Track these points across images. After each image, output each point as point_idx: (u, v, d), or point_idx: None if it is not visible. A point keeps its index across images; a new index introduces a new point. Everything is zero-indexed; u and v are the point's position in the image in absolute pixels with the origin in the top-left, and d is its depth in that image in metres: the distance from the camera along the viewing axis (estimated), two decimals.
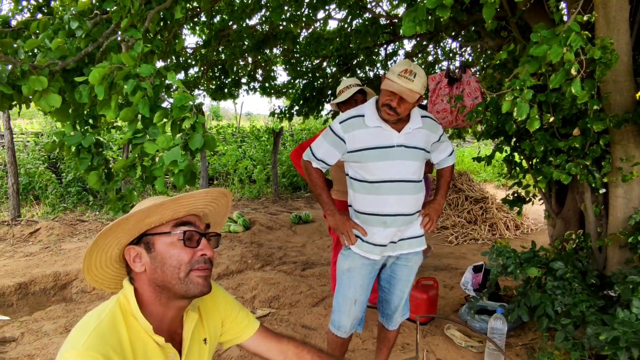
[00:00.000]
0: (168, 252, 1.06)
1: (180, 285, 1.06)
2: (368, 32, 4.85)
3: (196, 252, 1.08)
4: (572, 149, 2.52)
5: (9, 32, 2.42)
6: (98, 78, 1.68)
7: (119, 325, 1.00)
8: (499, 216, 6.34)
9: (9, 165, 6.40)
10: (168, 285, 1.06)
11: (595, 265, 2.70)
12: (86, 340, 0.92)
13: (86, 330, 0.95)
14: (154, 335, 1.05)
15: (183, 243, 1.07)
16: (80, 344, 0.92)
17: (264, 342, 1.33)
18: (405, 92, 1.87)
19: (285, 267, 4.63)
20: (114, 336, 0.97)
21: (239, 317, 1.32)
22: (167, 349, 1.08)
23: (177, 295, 1.08)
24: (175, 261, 1.05)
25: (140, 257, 1.07)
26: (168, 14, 2.27)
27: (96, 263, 1.10)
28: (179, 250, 1.06)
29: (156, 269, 1.06)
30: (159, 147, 1.70)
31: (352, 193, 2.17)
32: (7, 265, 4.62)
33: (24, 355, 2.84)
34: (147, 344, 1.04)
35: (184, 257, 1.06)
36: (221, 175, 10.17)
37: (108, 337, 0.96)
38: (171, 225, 1.08)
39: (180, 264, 1.06)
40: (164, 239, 1.06)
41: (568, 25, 1.72)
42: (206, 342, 1.22)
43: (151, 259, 1.06)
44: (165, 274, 1.05)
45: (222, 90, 6.20)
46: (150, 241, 1.07)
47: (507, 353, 2.83)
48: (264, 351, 1.33)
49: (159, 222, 1.07)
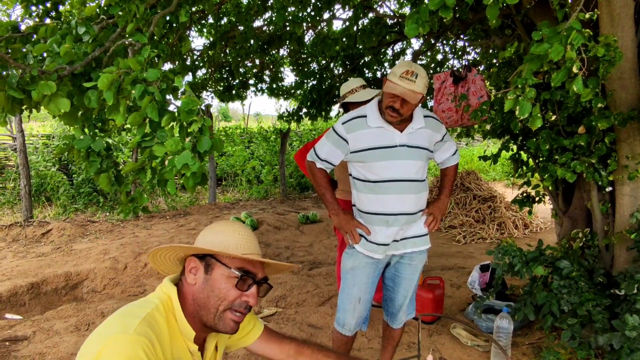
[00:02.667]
0: (221, 282, 1.10)
1: (213, 318, 1.11)
2: (373, 31, 4.86)
3: (242, 295, 1.12)
4: (577, 147, 2.51)
5: (18, 37, 2.47)
6: (106, 83, 1.72)
7: (160, 324, 1.05)
8: (508, 215, 6.30)
9: (21, 167, 6.51)
10: (205, 310, 1.11)
11: (602, 264, 2.69)
12: (137, 327, 0.98)
13: (135, 318, 1.00)
14: (191, 342, 1.10)
15: (235, 284, 1.11)
16: (131, 329, 0.97)
17: (267, 344, 1.37)
18: (408, 93, 1.88)
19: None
20: (160, 329, 1.03)
21: (244, 321, 1.35)
22: (196, 357, 1.13)
23: (207, 324, 1.12)
24: (222, 294, 1.10)
25: (197, 271, 1.12)
26: (173, 18, 2.30)
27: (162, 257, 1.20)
28: (230, 287, 1.11)
29: (203, 290, 1.11)
30: (168, 150, 1.73)
31: (355, 193, 2.18)
32: (20, 265, 4.71)
33: (35, 353, 2.89)
34: (181, 348, 1.09)
35: (231, 294, 1.11)
36: (229, 176, 10.23)
37: (155, 327, 1.02)
38: (236, 263, 1.12)
39: (224, 298, 1.10)
40: (223, 270, 1.11)
41: (569, 23, 1.72)
42: (217, 349, 1.26)
43: (204, 279, 1.11)
44: (209, 299, 1.10)
45: (229, 91, 6.23)
46: (212, 264, 1.12)
47: (514, 352, 2.82)
48: (267, 352, 1.37)
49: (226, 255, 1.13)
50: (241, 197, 9.26)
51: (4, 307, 3.83)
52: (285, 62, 6.46)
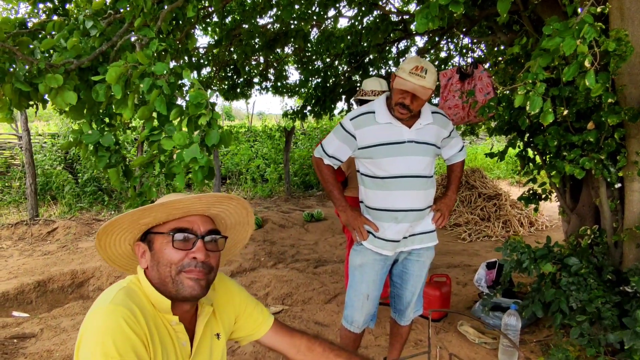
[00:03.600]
0: (162, 251, 1.08)
1: (172, 284, 1.08)
2: (379, 29, 4.84)
3: (188, 254, 1.09)
4: (586, 143, 2.49)
5: (26, 33, 2.47)
6: (114, 77, 1.71)
7: (138, 296, 1.05)
8: (513, 213, 6.28)
9: (27, 166, 6.53)
10: (163, 283, 1.08)
11: (611, 261, 2.67)
12: (113, 298, 0.99)
13: (110, 293, 1.01)
14: (169, 314, 1.08)
15: (173, 244, 1.08)
16: (108, 301, 0.98)
17: (277, 337, 1.34)
18: (418, 89, 1.87)
19: (297, 265, 4.65)
20: (140, 298, 1.05)
21: (254, 313, 1.33)
22: (179, 332, 1.10)
23: (171, 295, 1.09)
24: (166, 260, 1.08)
25: (145, 253, 1.12)
26: (180, 13, 2.30)
27: (111, 256, 1.17)
28: (170, 250, 1.08)
29: (154, 267, 1.09)
30: (176, 143, 1.72)
31: (363, 189, 2.17)
32: (27, 263, 4.72)
33: (43, 350, 2.90)
34: (162, 326, 1.07)
35: (174, 257, 1.08)
36: (234, 175, 10.24)
37: (135, 297, 1.03)
38: (169, 226, 1.10)
39: (170, 263, 1.08)
40: (161, 239, 1.09)
41: (581, 17, 1.70)
42: (219, 338, 1.23)
43: (152, 256, 1.10)
44: (160, 272, 1.08)
45: (234, 90, 6.23)
46: (152, 239, 1.11)
47: (522, 350, 2.80)
48: (277, 345, 1.35)
49: (155, 222, 1.11)
50: (246, 195, 9.26)
51: (12, 304, 3.84)
52: (290, 60, 6.45)
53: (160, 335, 1.05)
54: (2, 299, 3.80)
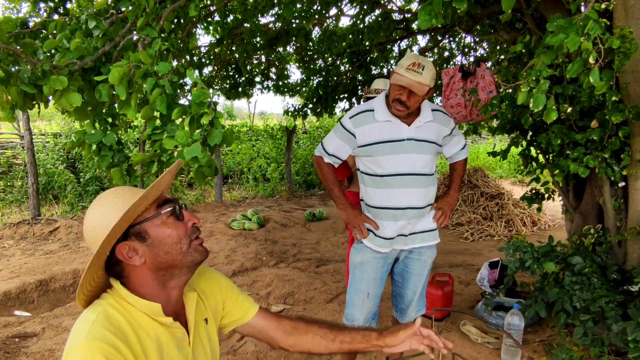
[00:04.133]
0: (164, 232, 1.05)
1: (185, 257, 1.07)
2: (380, 27, 4.83)
3: (187, 223, 1.09)
4: (590, 141, 2.48)
5: (27, 33, 2.47)
6: (117, 77, 1.71)
7: (116, 317, 1.00)
8: (515, 212, 6.26)
9: (29, 165, 6.54)
10: (174, 263, 1.06)
11: (615, 260, 2.65)
12: (87, 333, 0.92)
13: (85, 327, 0.94)
14: (161, 316, 1.05)
15: (176, 218, 1.07)
16: (82, 337, 0.92)
17: (264, 320, 1.33)
18: (415, 85, 1.87)
19: (299, 264, 4.65)
20: (114, 325, 0.97)
21: (239, 298, 1.32)
22: (175, 329, 1.09)
23: (184, 269, 1.08)
24: (175, 237, 1.05)
25: (135, 250, 1.03)
26: (182, 12, 2.30)
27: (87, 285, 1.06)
28: (173, 227, 1.06)
29: (158, 253, 1.05)
30: (178, 142, 1.72)
31: (363, 187, 2.17)
32: (28, 262, 4.73)
33: (45, 349, 2.90)
34: (154, 329, 1.04)
35: (180, 231, 1.06)
36: (235, 174, 10.24)
37: (109, 326, 0.96)
38: (153, 208, 1.06)
39: (180, 237, 1.06)
40: (153, 223, 1.05)
41: (585, 13, 1.69)
42: (207, 322, 1.22)
43: (148, 246, 1.04)
44: (170, 253, 1.05)
45: (236, 89, 6.23)
46: (141, 230, 1.04)
47: (525, 349, 2.79)
48: (264, 328, 1.34)
49: (142, 210, 1.05)
50: (247, 194, 9.26)
51: (13, 304, 3.85)
52: (292, 59, 6.45)
53: (158, 342, 1.03)
54: (4, 298, 3.81)
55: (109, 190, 1.06)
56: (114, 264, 1.05)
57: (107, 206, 1.02)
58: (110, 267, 1.06)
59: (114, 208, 1.01)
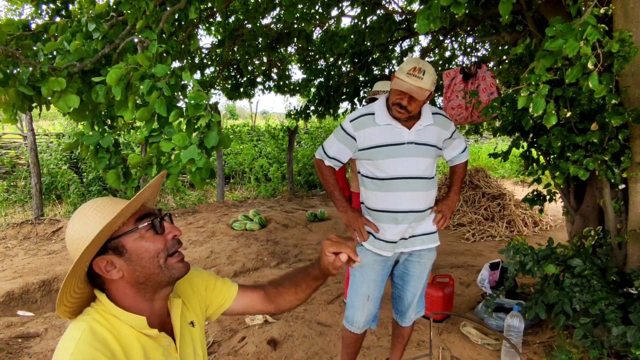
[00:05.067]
0: (141, 246, 1.03)
1: (162, 273, 1.06)
2: (382, 28, 4.83)
3: (166, 236, 1.07)
4: (590, 144, 2.48)
5: (29, 35, 2.48)
6: (115, 79, 1.72)
7: (102, 333, 0.99)
8: (517, 213, 6.25)
9: (32, 165, 6.57)
10: (151, 277, 1.05)
11: (615, 262, 2.65)
12: (73, 351, 0.91)
13: (70, 345, 0.93)
14: (146, 329, 1.05)
15: (154, 232, 1.06)
16: (68, 354, 0.91)
17: (245, 295, 1.36)
18: (415, 90, 1.87)
19: (300, 265, 4.65)
20: (100, 342, 0.96)
21: (217, 286, 1.33)
22: (161, 339, 1.09)
23: (162, 284, 1.07)
24: (152, 252, 1.04)
25: (113, 263, 1.02)
26: (182, 15, 2.30)
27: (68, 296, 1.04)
28: (151, 241, 1.05)
29: (135, 268, 1.04)
30: (175, 145, 1.73)
31: (363, 190, 2.17)
32: (32, 262, 4.75)
33: (47, 350, 2.92)
34: (140, 340, 1.04)
35: (158, 245, 1.05)
36: (237, 174, 10.26)
37: (95, 343, 0.95)
38: (132, 221, 1.05)
39: (157, 252, 1.05)
40: (131, 237, 1.03)
41: (584, 18, 1.69)
42: (193, 325, 1.23)
43: (126, 260, 1.03)
44: (146, 267, 1.04)
45: (237, 89, 6.24)
46: (118, 245, 1.02)
47: (525, 351, 2.79)
48: (248, 302, 1.36)
49: (120, 224, 1.04)
50: (249, 195, 9.28)
51: (16, 304, 3.87)
52: (293, 60, 6.45)
53: (145, 355, 1.03)
54: (7, 298, 3.83)
55: (89, 203, 1.05)
56: (94, 277, 1.05)
57: (86, 219, 1.01)
58: (92, 280, 1.06)
59: (93, 221, 1.00)
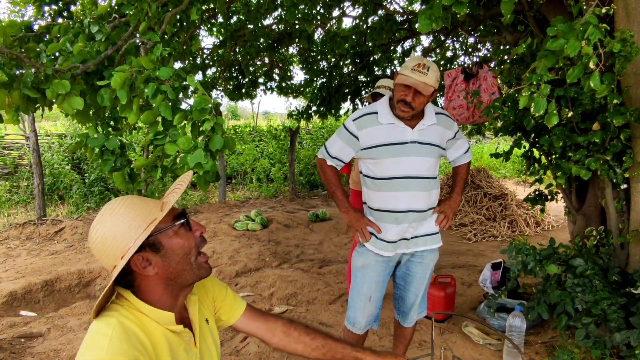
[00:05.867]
0: (176, 243, 1.07)
1: (191, 271, 1.10)
2: (383, 29, 4.83)
3: (195, 233, 1.11)
4: (591, 144, 2.48)
5: (32, 36, 2.50)
6: (119, 82, 1.73)
7: (133, 329, 1.00)
8: (519, 213, 6.25)
9: (35, 166, 6.59)
10: (182, 274, 1.09)
11: (617, 262, 2.65)
12: (108, 348, 0.91)
13: (104, 341, 0.93)
14: (172, 325, 1.08)
15: (187, 228, 1.09)
16: (103, 352, 0.91)
17: (251, 322, 1.36)
18: (420, 85, 1.87)
19: (302, 265, 4.66)
20: (132, 338, 0.98)
21: (227, 297, 1.35)
22: (183, 334, 1.12)
23: (189, 281, 1.11)
24: (186, 248, 1.08)
25: (149, 260, 1.04)
26: (184, 16, 2.31)
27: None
28: (185, 238, 1.08)
29: (170, 264, 1.07)
30: (180, 148, 1.74)
31: (365, 190, 2.18)
32: (34, 263, 4.77)
33: (50, 350, 2.93)
34: (166, 336, 1.07)
35: (191, 242, 1.09)
36: (239, 174, 10.27)
37: (128, 339, 0.96)
38: (170, 218, 1.07)
39: (190, 249, 1.09)
40: (167, 234, 1.06)
41: (586, 18, 1.69)
42: (208, 322, 1.26)
43: (161, 257, 1.06)
44: (180, 263, 1.07)
45: (239, 90, 6.25)
46: (156, 241, 1.05)
47: (526, 351, 2.80)
48: (253, 330, 1.36)
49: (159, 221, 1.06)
50: (251, 195, 9.29)
51: (19, 304, 3.88)
52: (295, 60, 6.46)
53: (171, 349, 1.06)
54: (10, 299, 3.84)
55: (117, 201, 1.06)
56: (125, 274, 1.06)
57: (119, 217, 1.02)
58: (121, 278, 1.06)
59: (127, 219, 1.02)
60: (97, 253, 1.04)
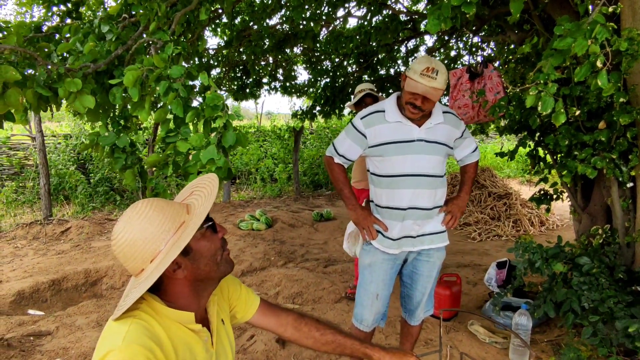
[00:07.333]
0: (204, 245, 1.09)
1: (218, 269, 1.13)
2: (388, 28, 4.85)
3: (219, 234, 1.15)
4: (597, 142, 2.48)
5: (41, 36, 2.52)
6: (132, 80, 1.75)
7: (151, 322, 1.02)
8: (523, 212, 6.25)
9: (41, 166, 6.63)
10: (209, 275, 1.12)
11: (623, 260, 2.65)
12: (125, 336, 0.93)
13: (120, 332, 0.95)
14: (192, 324, 1.10)
15: (214, 231, 1.13)
16: (120, 340, 0.93)
17: (265, 318, 1.39)
18: (430, 91, 1.88)
19: (307, 264, 4.68)
20: (149, 330, 0.99)
21: (242, 294, 1.38)
22: (202, 333, 1.13)
23: (215, 280, 1.15)
24: (213, 250, 1.11)
25: (179, 263, 1.05)
26: (192, 16, 2.33)
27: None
28: (210, 240, 1.11)
29: (198, 266, 1.08)
30: (192, 145, 1.76)
31: (372, 188, 2.19)
32: (41, 262, 4.80)
33: (59, 348, 2.96)
34: (186, 334, 1.09)
35: (216, 243, 1.13)
36: (243, 174, 10.30)
37: (144, 331, 0.98)
38: None
39: (216, 250, 1.12)
40: (195, 237, 1.06)
41: (593, 17, 1.70)
42: (224, 323, 1.28)
43: (190, 260, 1.07)
44: (208, 265, 1.10)
45: (243, 90, 6.28)
46: (186, 245, 1.05)
47: (533, 349, 2.80)
48: (265, 325, 1.40)
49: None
50: (255, 195, 9.31)
51: (27, 303, 3.92)
52: (299, 60, 6.48)
53: (190, 348, 1.08)
54: (18, 298, 3.88)
55: (144, 203, 1.05)
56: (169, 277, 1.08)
57: (148, 220, 1.01)
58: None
59: (155, 222, 1.01)
60: (124, 256, 1.02)
